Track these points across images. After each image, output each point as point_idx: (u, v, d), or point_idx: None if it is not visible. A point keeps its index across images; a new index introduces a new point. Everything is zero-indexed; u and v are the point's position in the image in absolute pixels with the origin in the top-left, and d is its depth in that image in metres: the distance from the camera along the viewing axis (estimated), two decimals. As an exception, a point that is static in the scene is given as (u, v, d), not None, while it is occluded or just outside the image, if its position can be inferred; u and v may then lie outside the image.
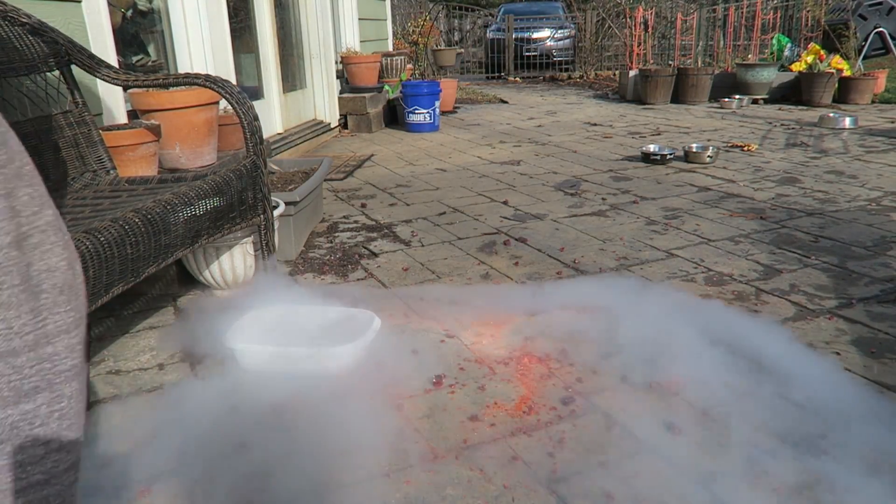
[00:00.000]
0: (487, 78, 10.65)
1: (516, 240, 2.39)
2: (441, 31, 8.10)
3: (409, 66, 6.26)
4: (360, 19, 5.72)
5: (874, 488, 1.05)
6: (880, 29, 6.75)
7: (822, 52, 6.17)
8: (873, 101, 6.00)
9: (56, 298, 0.52)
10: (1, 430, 0.49)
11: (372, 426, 1.27)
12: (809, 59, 6.16)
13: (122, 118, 2.42)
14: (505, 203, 2.92)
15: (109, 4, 2.40)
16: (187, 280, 1.98)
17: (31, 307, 0.50)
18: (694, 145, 3.75)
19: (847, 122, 4.69)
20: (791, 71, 6.33)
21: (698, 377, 1.39)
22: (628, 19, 7.96)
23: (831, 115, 4.85)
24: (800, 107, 5.97)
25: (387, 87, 5.62)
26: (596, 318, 1.67)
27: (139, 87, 1.83)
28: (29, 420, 0.50)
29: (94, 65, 1.82)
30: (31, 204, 0.51)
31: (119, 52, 2.60)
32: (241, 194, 1.66)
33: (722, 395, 1.32)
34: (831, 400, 1.29)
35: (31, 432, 0.50)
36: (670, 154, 3.67)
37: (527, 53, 10.48)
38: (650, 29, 7.68)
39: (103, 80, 1.83)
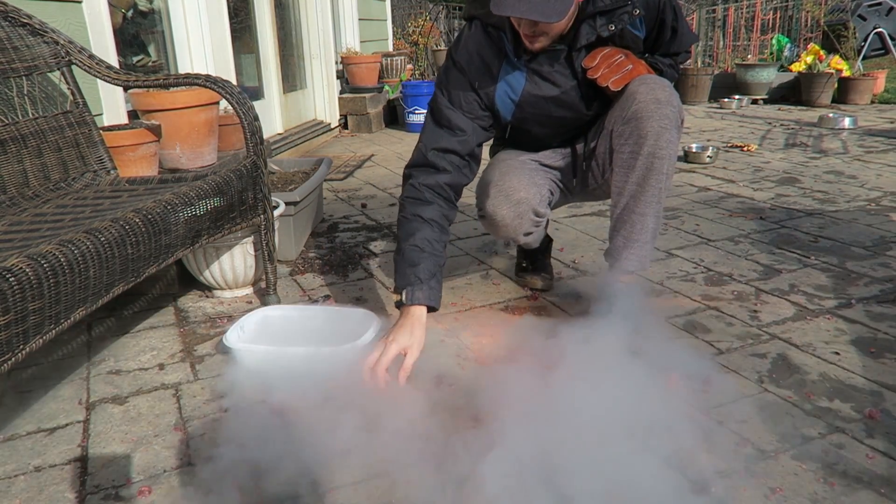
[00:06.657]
0: (487, 78, 10.61)
1: (516, 240, 2.39)
2: (441, 32, 8.11)
3: (409, 66, 6.26)
4: (360, 19, 5.72)
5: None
6: (879, 29, 6.76)
7: (822, 52, 6.17)
8: (872, 102, 6.01)
9: None
10: None
11: (371, 426, 1.27)
12: (809, 59, 6.16)
13: (123, 118, 2.42)
14: (505, 203, 2.91)
15: (110, 5, 2.40)
16: (187, 280, 1.99)
17: None
18: (693, 145, 3.75)
19: (846, 122, 4.69)
20: (790, 71, 6.34)
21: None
22: (628, 19, 7.93)
23: (831, 115, 4.85)
24: (799, 107, 5.98)
25: (387, 88, 5.62)
26: (595, 318, 1.67)
27: (139, 87, 1.84)
28: None
29: (95, 65, 1.83)
30: None
31: (119, 52, 2.61)
32: (241, 194, 1.66)
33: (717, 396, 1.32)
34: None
35: None
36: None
37: (527, 54, 10.45)
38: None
39: (104, 80, 1.83)
